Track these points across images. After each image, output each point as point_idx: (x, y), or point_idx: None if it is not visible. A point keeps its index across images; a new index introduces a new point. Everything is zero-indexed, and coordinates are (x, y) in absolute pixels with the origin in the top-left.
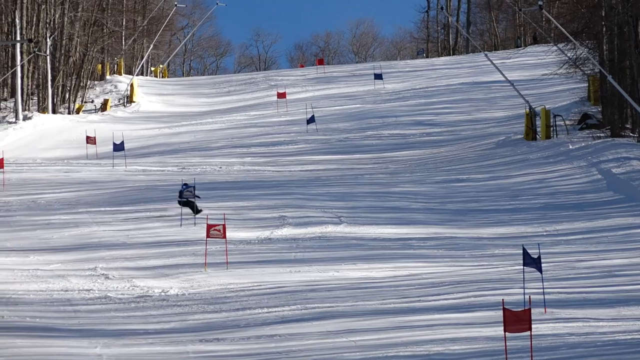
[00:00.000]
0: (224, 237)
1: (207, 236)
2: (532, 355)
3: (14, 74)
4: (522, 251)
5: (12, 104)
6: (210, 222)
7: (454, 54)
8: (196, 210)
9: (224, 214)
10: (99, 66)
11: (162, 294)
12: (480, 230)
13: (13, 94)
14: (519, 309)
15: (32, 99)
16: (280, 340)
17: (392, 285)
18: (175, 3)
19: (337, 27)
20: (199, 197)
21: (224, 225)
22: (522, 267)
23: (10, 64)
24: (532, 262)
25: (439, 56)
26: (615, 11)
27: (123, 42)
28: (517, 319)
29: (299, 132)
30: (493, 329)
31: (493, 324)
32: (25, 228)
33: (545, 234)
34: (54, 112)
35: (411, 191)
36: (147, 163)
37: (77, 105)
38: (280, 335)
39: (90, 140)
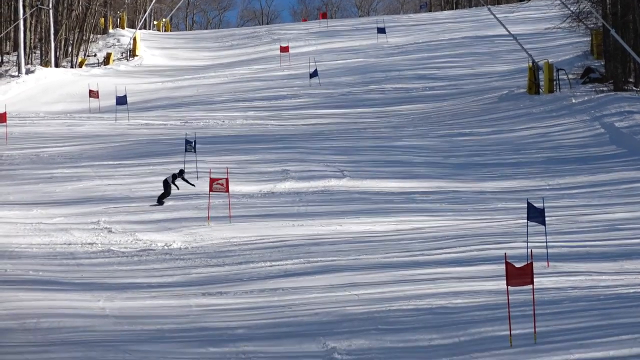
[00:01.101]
0: (227, 190)
1: (210, 190)
2: (534, 309)
3: (16, 28)
4: (524, 205)
5: (14, 58)
6: (214, 176)
7: (457, 8)
8: (159, 200)
9: (227, 168)
10: (102, 20)
11: (165, 247)
12: (483, 184)
13: (16, 47)
14: (522, 263)
15: (34, 53)
16: (283, 293)
17: (395, 239)
18: None
19: None
20: (194, 150)
21: (226, 179)
22: (524, 221)
23: (12, 18)
24: (536, 216)
25: (442, 10)
26: None
27: None
28: (519, 273)
29: (302, 86)
30: (496, 283)
31: (496, 277)
32: (28, 182)
33: (548, 187)
34: (56, 65)
35: (414, 145)
36: (150, 117)
37: (79, 59)
38: (284, 288)
39: (93, 94)
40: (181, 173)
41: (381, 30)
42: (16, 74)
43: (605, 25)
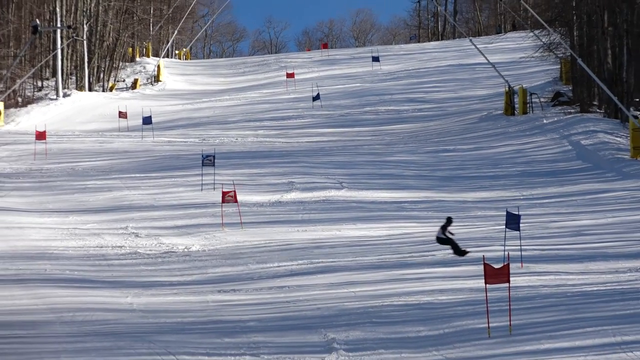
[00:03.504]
0: (236, 201)
1: (223, 201)
2: (510, 304)
3: (55, 57)
4: (502, 213)
5: (53, 83)
6: (225, 188)
7: (442, 39)
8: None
9: (233, 182)
10: (130, 49)
11: (185, 250)
12: (465, 195)
13: (54, 74)
14: (499, 264)
15: (70, 79)
16: (289, 290)
17: (387, 243)
18: None
19: (340, 15)
20: (213, 164)
21: (234, 191)
22: (501, 227)
23: (51, 48)
24: (512, 222)
25: (429, 41)
26: (585, 1)
27: (151, 28)
28: (497, 273)
29: (306, 108)
30: (476, 281)
31: (476, 276)
32: (65, 192)
33: (522, 197)
34: (90, 90)
35: (404, 160)
36: (172, 135)
37: (110, 84)
38: (289, 286)
39: (122, 114)
40: (449, 222)
41: (375, 59)
42: (55, 97)
43: (573, 54)
